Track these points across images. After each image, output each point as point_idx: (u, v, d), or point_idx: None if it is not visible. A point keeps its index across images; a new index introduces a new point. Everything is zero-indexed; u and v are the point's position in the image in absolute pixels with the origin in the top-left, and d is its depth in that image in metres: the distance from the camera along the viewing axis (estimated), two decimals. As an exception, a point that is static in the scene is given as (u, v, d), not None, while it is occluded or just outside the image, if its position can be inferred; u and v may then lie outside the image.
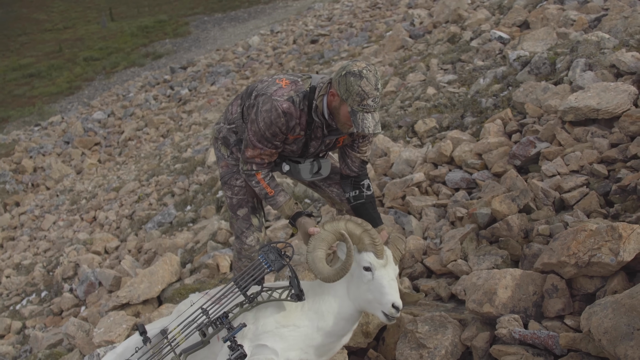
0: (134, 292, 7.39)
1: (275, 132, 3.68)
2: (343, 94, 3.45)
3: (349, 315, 3.46)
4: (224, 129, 4.27)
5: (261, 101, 3.70)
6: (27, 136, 36.26)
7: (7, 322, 11.34)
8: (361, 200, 4.06)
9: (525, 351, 3.27)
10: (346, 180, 4.13)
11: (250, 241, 4.37)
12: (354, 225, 3.40)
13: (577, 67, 6.48)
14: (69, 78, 56.51)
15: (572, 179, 4.82)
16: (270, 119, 3.64)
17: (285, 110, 3.63)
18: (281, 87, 3.71)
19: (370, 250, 3.36)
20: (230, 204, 4.40)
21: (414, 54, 14.18)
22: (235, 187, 4.31)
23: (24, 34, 69.99)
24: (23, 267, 16.52)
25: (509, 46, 9.52)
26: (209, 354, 3.41)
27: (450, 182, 6.01)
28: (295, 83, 3.74)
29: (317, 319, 3.42)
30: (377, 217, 4.03)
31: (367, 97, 3.40)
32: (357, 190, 4.08)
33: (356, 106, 3.43)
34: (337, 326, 3.43)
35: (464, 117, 7.64)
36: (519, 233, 4.50)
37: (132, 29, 65.24)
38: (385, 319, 3.30)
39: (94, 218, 18.40)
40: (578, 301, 3.52)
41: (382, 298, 3.27)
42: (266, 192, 3.91)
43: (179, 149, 21.60)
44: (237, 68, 33.29)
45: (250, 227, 4.37)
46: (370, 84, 3.39)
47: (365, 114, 3.44)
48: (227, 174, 4.33)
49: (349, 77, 3.40)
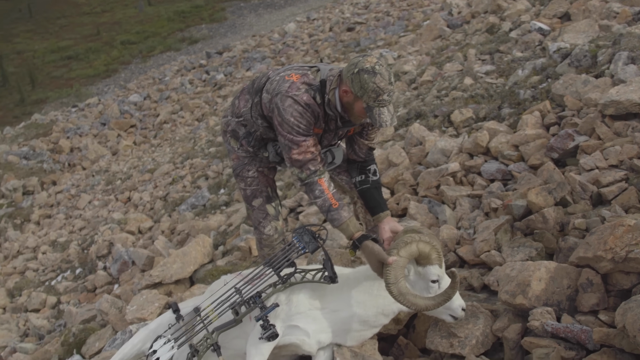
0: (167, 272, 7.47)
1: (307, 121, 3.64)
2: (358, 92, 3.43)
3: (392, 313, 3.55)
4: (232, 122, 4.22)
5: (279, 100, 3.63)
6: (65, 117, 36.83)
7: (42, 296, 11.59)
8: (367, 185, 4.06)
9: (557, 344, 3.24)
10: (353, 165, 4.15)
11: (268, 231, 4.38)
12: (424, 244, 3.37)
13: (619, 60, 6.37)
14: (106, 61, 57.19)
15: (610, 174, 4.74)
16: (298, 111, 3.60)
17: (307, 102, 3.61)
18: (293, 82, 3.65)
19: (436, 264, 3.41)
20: (245, 195, 4.40)
21: (451, 44, 14.05)
22: (248, 179, 4.32)
23: (62, 16, 70.93)
24: (59, 244, 16.83)
25: (549, 38, 9.38)
26: (241, 333, 3.44)
27: (485, 172, 5.96)
28: (306, 76, 3.70)
29: (357, 307, 3.45)
30: (382, 203, 4.02)
31: (382, 93, 3.40)
32: (363, 175, 4.09)
33: (372, 102, 3.43)
34: (375, 318, 3.48)
35: (501, 108, 7.56)
36: (555, 226, 4.45)
37: (168, 13, 65.72)
38: (452, 319, 3.50)
39: (128, 198, 18.65)
40: (613, 297, 3.47)
41: (451, 304, 3.43)
42: (330, 205, 3.63)
43: (214, 133, 21.75)
44: (272, 54, 33.36)
45: (266, 216, 4.37)
46: (385, 79, 3.38)
47: (381, 109, 3.45)
48: (239, 166, 4.33)
49: (363, 75, 3.38)
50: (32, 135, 34.39)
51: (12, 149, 32.32)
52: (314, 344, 3.42)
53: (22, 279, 14.65)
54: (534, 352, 3.26)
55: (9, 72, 57.78)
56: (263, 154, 4.18)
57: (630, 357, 3.01)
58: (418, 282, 3.43)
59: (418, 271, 3.43)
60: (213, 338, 3.25)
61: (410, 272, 3.47)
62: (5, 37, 66.59)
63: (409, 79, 12.18)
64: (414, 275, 3.45)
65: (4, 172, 28.85)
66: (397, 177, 6.78)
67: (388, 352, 3.96)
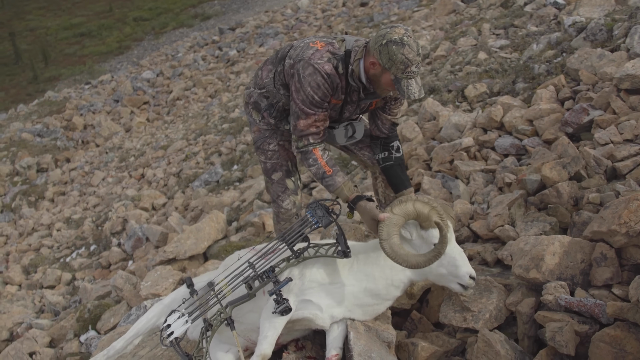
0: (181, 248, 7.52)
1: (324, 93, 3.62)
2: (386, 63, 3.38)
3: (401, 283, 3.49)
4: (255, 94, 4.19)
5: (301, 67, 3.62)
6: (78, 94, 36.91)
7: (57, 273, 11.70)
8: (390, 162, 4.04)
9: (570, 318, 3.24)
10: (376, 142, 4.11)
11: (286, 205, 4.39)
12: (422, 204, 3.37)
13: (635, 34, 6.29)
14: (118, 38, 57.16)
15: (625, 148, 4.70)
16: (316, 81, 3.58)
17: (329, 72, 3.58)
18: (317, 50, 3.63)
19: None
20: (265, 168, 4.40)
21: (465, 19, 13.93)
22: (269, 152, 4.30)
23: (75, -7, 70.78)
24: (73, 221, 16.96)
25: (565, 12, 9.27)
26: (255, 307, 3.46)
27: (499, 147, 5.94)
28: (332, 44, 3.67)
29: (367, 281, 3.45)
30: (405, 180, 4.02)
31: (410, 64, 3.35)
32: (386, 152, 4.05)
33: (400, 74, 3.38)
34: (386, 290, 3.46)
35: (515, 83, 7.50)
36: (569, 200, 4.43)
37: (181, -11, 65.40)
38: (462, 289, 3.37)
39: (142, 175, 18.74)
40: (627, 271, 3.46)
41: (457, 271, 3.33)
42: (324, 172, 3.71)
43: (227, 109, 21.75)
44: (285, 30, 33.23)
45: (285, 190, 4.37)
46: (413, 50, 3.34)
47: (409, 80, 3.40)
48: (260, 139, 4.31)
49: (391, 46, 3.33)
50: (46, 112, 34.53)
51: (26, 126, 32.49)
52: (327, 319, 3.44)
53: (37, 256, 14.80)
54: (547, 326, 3.26)
55: (22, 50, 57.91)
56: (284, 127, 4.15)
57: (644, 331, 3.01)
58: (422, 246, 3.40)
59: (421, 235, 3.41)
60: (227, 312, 3.27)
61: (413, 235, 3.45)
62: (18, 15, 66.67)
63: (423, 53, 12.09)
64: (418, 239, 3.42)
65: (18, 149, 29.03)
66: (410, 152, 6.76)
67: (402, 327, 3.98)
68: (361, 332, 3.43)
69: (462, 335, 3.69)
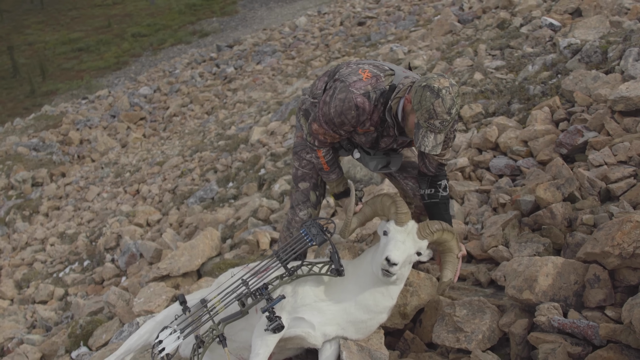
0: (175, 265, 7.50)
1: (343, 121, 3.67)
2: (415, 105, 3.33)
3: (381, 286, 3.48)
4: (307, 102, 4.28)
5: (338, 87, 3.67)
6: (75, 109, 36.90)
7: (50, 288, 11.64)
8: (435, 200, 3.99)
9: (563, 340, 3.24)
10: (423, 178, 4.05)
11: (302, 215, 4.42)
12: (387, 198, 3.52)
13: (629, 56, 6.33)
14: (116, 53, 57.24)
15: (619, 170, 4.73)
16: (342, 108, 3.61)
17: (359, 105, 3.59)
18: (361, 79, 3.63)
19: (392, 219, 3.43)
20: (295, 174, 4.45)
21: (461, 39, 14.00)
22: (304, 160, 4.35)
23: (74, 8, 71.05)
24: (67, 236, 16.90)
25: (560, 33, 9.33)
26: (247, 325, 3.46)
27: (494, 168, 5.96)
28: (378, 77, 3.65)
29: (356, 294, 3.45)
30: (448, 219, 3.96)
31: (435, 118, 3.28)
32: (432, 189, 4.00)
33: (422, 121, 3.33)
34: (374, 301, 3.45)
35: (510, 104, 7.53)
36: (563, 222, 4.44)
37: (179, 6, 65.71)
38: (381, 274, 3.33)
39: (137, 191, 18.70)
40: (620, 292, 3.47)
41: (382, 253, 3.33)
42: (322, 167, 4.06)
43: (223, 126, 21.77)
44: (283, 48, 33.34)
45: (306, 201, 4.41)
46: (445, 106, 3.25)
47: (428, 132, 3.34)
48: (300, 145, 4.37)
49: (426, 91, 3.26)
50: (42, 126, 34.49)
51: (22, 140, 32.43)
52: (319, 337, 3.43)
53: (30, 271, 14.72)
54: (540, 348, 3.27)
55: (20, 64, 57.96)
56: None
57: (636, 353, 3.01)
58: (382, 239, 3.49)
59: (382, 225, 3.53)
60: (219, 329, 3.26)
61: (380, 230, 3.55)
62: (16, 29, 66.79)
63: (420, 73, 12.14)
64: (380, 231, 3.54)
65: (14, 163, 28.96)
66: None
67: (394, 347, 3.97)
68: (354, 352, 3.42)
69: (455, 356, 3.68)
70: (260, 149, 14.43)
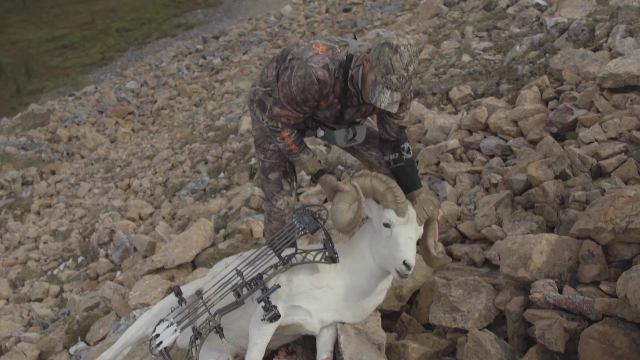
0: (169, 257, 7.48)
1: (306, 97, 3.64)
2: (373, 62, 3.36)
3: (378, 272, 3.43)
4: (260, 92, 4.18)
5: (296, 65, 3.62)
6: (62, 106, 36.69)
7: (45, 286, 11.60)
8: (401, 164, 3.99)
9: (559, 316, 3.26)
10: (386, 144, 4.05)
11: (280, 204, 4.37)
12: (379, 181, 3.37)
13: (617, 33, 6.34)
14: (101, 49, 57.00)
15: (610, 146, 4.74)
16: (304, 84, 3.58)
17: (320, 78, 3.57)
18: (317, 53, 3.62)
19: (391, 208, 3.30)
20: (262, 167, 4.39)
21: (448, 22, 13.99)
22: (268, 151, 4.28)
23: (57, 5, 70.58)
24: (60, 233, 16.85)
25: (547, 13, 9.34)
26: (243, 315, 3.45)
27: (485, 148, 5.96)
28: (332, 49, 3.65)
29: (350, 278, 3.44)
30: (416, 181, 3.98)
31: (392, 73, 3.31)
32: (396, 154, 3.99)
33: (380, 77, 3.35)
34: (368, 284, 3.44)
35: (499, 84, 7.54)
36: (555, 199, 4.45)
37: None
38: (397, 275, 3.25)
39: (128, 185, 18.63)
40: (614, 267, 3.49)
41: (395, 254, 3.21)
42: (290, 149, 3.90)
43: (212, 118, 21.71)
44: (269, 37, 33.27)
45: (280, 190, 4.36)
46: (403, 61, 3.29)
47: (385, 89, 3.36)
48: (261, 137, 4.29)
49: (385, 47, 3.31)
50: (30, 125, 34.30)
51: (10, 139, 32.23)
52: (316, 323, 3.43)
53: (24, 269, 14.67)
54: (536, 324, 3.28)
55: (4, 63, 57.59)
56: None
57: (632, 326, 3.03)
58: (378, 226, 3.38)
59: (378, 214, 3.39)
60: (215, 320, 3.26)
61: (372, 212, 3.44)
62: (-1, 28, 66.35)
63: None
64: (377, 218, 3.40)
65: (3, 163, 28.81)
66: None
67: (392, 329, 3.98)
68: (351, 335, 3.43)
69: (452, 336, 3.70)
70: (250, 139, 14.39)
